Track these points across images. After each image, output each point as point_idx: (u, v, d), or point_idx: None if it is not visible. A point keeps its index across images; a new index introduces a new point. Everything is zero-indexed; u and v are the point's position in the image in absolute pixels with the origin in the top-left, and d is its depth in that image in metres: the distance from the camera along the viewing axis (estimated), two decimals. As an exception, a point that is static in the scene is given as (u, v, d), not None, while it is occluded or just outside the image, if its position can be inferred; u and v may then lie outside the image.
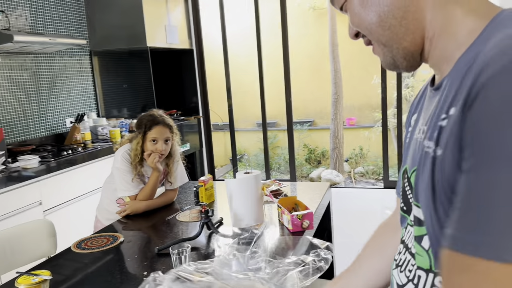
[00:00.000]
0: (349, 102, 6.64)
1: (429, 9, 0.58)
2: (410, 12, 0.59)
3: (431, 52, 0.62)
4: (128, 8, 4.01)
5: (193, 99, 5.02)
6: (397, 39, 0.62)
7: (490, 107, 0.44)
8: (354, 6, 0.64)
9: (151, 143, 2.06)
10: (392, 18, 0.60)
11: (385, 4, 0.60)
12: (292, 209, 1.82)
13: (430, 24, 0.59)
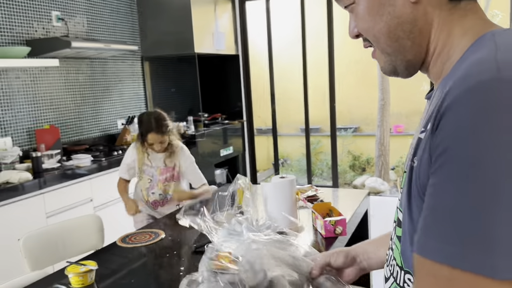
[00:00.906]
0: (396, 109, 6.48)
1: (434, 27, 0.61)
2: (417, 27, 0.61)
3: (430, 67, 0.65)
4: (178, 16, 4.18)
5: (237, 103, 5.13)
6: (403, 51, 0.64)
7: (449, 129, 0.49)
8: (362, 11, 0.64)
9: (149, 146, 2.48)
10: (400, 31, 0.62)
11: (395, 16, 0.61)
12: (326, 215, 1.83)
13: (433, 42, 0.62)
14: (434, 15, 0.60)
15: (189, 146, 4.10)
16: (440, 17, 0.60)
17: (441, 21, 0.60)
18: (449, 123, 0.49)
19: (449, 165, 0.48)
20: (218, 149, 4.58)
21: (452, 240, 0.46)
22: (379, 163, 6.04)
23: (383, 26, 0.63)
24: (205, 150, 4.33)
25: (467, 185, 0.46)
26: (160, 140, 2.45)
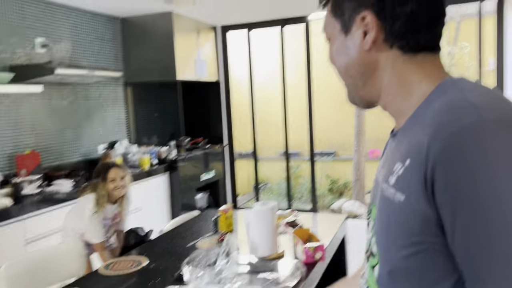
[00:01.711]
0: (373, 134, 6.69)
1: (387, 74, 0.70)
2: (370, 70, 0.71)
3: (387, 106, 0.73)
4: (161, 44, 4.28)
5: (218, 128, 5.21)
6: (356, 88, 0.74)
7: (454, 180, 0.54)
8: (332, 47, 0.76)
9: (111, 183, 2.50)
10: (354, 71, 0.72)
11: (352, 58, 0.72)
12: (306, 241, 1.90)
13: (387, 85, 0.70)
14: (387, 64, 0.69)
15: (171, 171, 4.17)
16: (394, 66, 0.69)
17: (395, 70, 0.69)
18: (451, 169, 0.54)
19: (474, 214, 0.52)
20: (199, 173, 4.62)
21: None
22: (356, 187, 6.18)
23: (342, 63, 0.74)
24: (187, 174, 4.37)
25: (499, 223, 0.51)
26: (122, 175, 2.53)
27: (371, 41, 0.68)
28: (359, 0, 0.69)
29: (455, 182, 0.53)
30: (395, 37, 0.67)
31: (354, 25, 0.70)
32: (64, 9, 3.69)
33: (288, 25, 4.93)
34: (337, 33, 0.73)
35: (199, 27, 4.74)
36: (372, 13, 0.68)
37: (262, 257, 1.82)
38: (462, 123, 0.55)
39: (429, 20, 0.67)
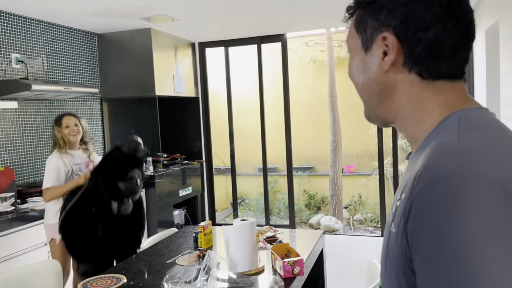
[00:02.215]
0: (348, 150, 6.83)
1: (404, 97, 0.68)
2: (387, 91, 0.69)
3: (402, 129, 0.72)
4: (139, 60, 4.29)
5: (196, 143, 5.22)
6: (372, 106, 0.73)
7: (420, 223, 0.55)
8: (352, 62, 0.74)
9: (66, 129, 2.82)
10: (371, 89, 0.71)
11: (369, 77, 0.70)
12: (285, 256, 1.93)
13: (403, 108, 0.68)
14: (404, 87, 0.67)
15: (148, 187, 4.14)
16: (411, 91, 0.67)
17: (412, 94, 0.67)
18: (420, 216, 0.55)
19: (429, 261, 0.53)
20: (177, 189, 4.60)
21: None
22: (333, 202, 6.26)
23: (360, 80, 0.72)
24: (164, 191, 4.34)
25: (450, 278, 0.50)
26: (75, 122, 2.83)
27: (389, 63, 0.66)
28: (382, 20, 0.66)
29: (417, 232, 0.54)
30: (414, 62, 0.65)
31: (374, 43, 0.68)
32: (41, 25, 3.67)
33: (266, 43, 5.03)
34: (358, 48, 0.71)
35: (178, 43, 4.78)
36: (393, 34, 0.65)
37: (242, 273, 1.83)
38: (440, 172, 0.54)
39: (453, 46, 0.64)
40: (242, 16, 4.02)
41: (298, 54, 6.85)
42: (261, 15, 4.02)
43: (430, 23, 0.63)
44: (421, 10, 0.63)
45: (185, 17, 3.96)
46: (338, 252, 4.49)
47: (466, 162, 0.53)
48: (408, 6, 0.64)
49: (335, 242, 4.86)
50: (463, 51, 0.66)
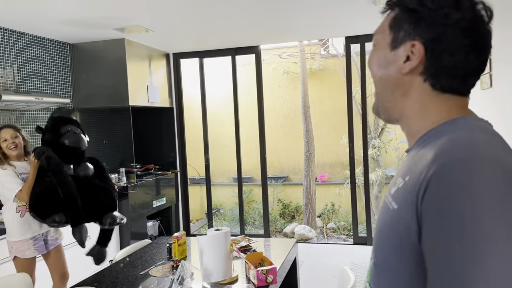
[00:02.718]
0: (321, 159, 6.94)
1: (412, 98, 0.77)
2: (400, 90, 0.77)
3: (405, 127, 0.81)
4: (113, 70, 4.28)
5: (171, 154, 5.21)
6: (383, 99, 0.81)
7: (435, 199, 0.63)
8: (374, 54, 0.81)
9: (4, 143, 2.70)
10: (387, 84, 0.79)
11: (388, 73, 0.78)
12: (258, 264, 1.97)
13: (409, 108, 0.78)
14: (416, 92, 0.76)
15: (121, 198, 4.10)
16: (421, 96, 0.76)
17: (420, 99, 0.76)
18: (436, 193, 0.63)
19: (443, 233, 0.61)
20: (151, 200, 4.57)
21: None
22: (306, 211, 6.34)
23: (379, 74, 0.80)
24: (137, 202, 4.31)
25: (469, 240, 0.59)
26: (14, 135, 2.71)
27: (409, 68, 0.74)
28: (418, 29, 0.73)
29: (433, 207, 0.63)
30: (431, 74, 0.73)
31: (403, 46, 0.75)
32: (12, 34, 3.62)
33: (240, 55, 5.09)
34: (385, 45, 0.78)
35: (152, 54, 4.79)
36: (422, 44, 0.72)
37: (216, 282, 1.86)
38: (455, 156, 0.63)
39: (466, 73, 0.73)
40: (217, 28, 4.08)
41: (272, 65, 6.96)
42: (235, 27, 4.09)
43: (458, 50, 0.71)
44: (454, 36, 0.71)
45: (159, 28, 3.98)
46: (312, 260, 4.56)
47: (477, 151, 0.64)
48: (445, 28, 0.71)
49: (309, 250, 4.92)
50: (475, 78, 0.75)
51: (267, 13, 3.64)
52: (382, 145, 6.15)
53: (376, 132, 6.26)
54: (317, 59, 6.86)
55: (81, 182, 2.66)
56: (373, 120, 6.37)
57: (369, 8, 3.64)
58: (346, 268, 1.95)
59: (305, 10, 3.63)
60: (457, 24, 0.71)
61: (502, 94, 2.43)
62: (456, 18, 0.71)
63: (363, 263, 4.28)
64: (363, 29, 4.50)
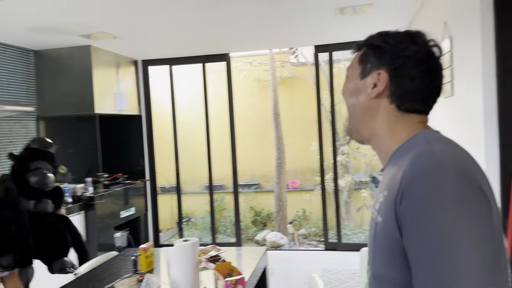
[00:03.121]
0: (292, 166, 6.99)
1: (380, 120, 0.90)
2: (369, 113, 0.91)
3: (375, 147, 0.94)
4: (78, 77, 4.17)
5: (140, 162, 5.11)
6: (355, 122, 0.95)
7: (410, 204, 0.74)
8: (347, 84, 0.96)
9: None
10: (357, 107, 0.94)
11: (358, 99, 0.93)
12: (227, 275, 1.95)
13: (378, 129, 0.91)
14: (383, 114, 0.90)
15: (87, 209, 3.98)
16: (388, 117, 0.90)
17: (387, 120, 0.90)
18: (410, 199, 0.74)
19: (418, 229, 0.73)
20: (119, 211, 4.47)
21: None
22: (278, 217, 6.35)
23: (351, 100, 0.95)
24: (105, 212, 4.20)
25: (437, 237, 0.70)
26: None
27: (376, 93, 0.89)
28: (383, 61, 0.89)
29: (409, 211, 0.74)
30: (395, 98, 0.88)
31: (370, 75, 0.90)
32: (-30, 40, 3.47)
33: (210, 62, 5.08)
34: (356, 75, 0.93)
35: (120, 61, 4.71)
36: (387, 73, 0.88)
37: (184, 295, 1.82)
38: (421, 166, 0.75)
39: (427, 96, 0.88)
40: (186, 35, 4.05)
41: (243, 73, 6.97)
42: (205, 34, 4.08)
43: (415, 76, 0.86)
44: (412, 65, 0.87)
45: (127, 35, 3.92)
46: (283, 267, 4.56)
47: (437, 160, 0.75)
48: (404, 59, 0.87)
49: (280, 257, 4.92)
50: (433, 99, 0.90)
51: (237, 20, 3.65)
52: (351, 152, 6.25)
53: (345, 138, 6.36)
54: (287, 67, 6.93)
55: (38, 221, 2.52)
56: (342, 127, 6.48)
57: (336, 19, 3.71)
58: (314, 276, 1.96)
59: (275, 20, 3.66)
60: (414, 55, 0.86)
61: (462, 101, 2.52)
62: (412, 50, 0.86)
63: (334, 269, 4.31)
64: (331, 38, 4.57)
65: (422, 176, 0.73)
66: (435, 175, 0.73)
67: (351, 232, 6.04)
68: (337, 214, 4.96)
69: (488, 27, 2.14)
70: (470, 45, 2.31)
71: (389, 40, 0.89)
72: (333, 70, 4.97)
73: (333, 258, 4.70)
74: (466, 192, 0.72)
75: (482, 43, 2.16)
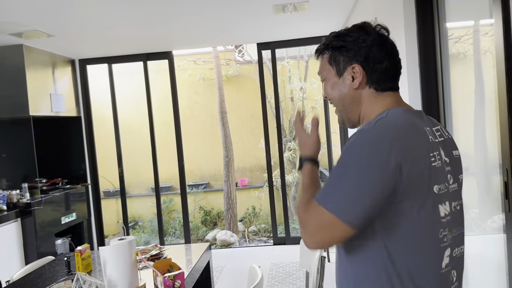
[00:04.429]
0: (241, 164, 7.01)
1: (365, 103, 1.08)
2: (355, 101, 1.09)
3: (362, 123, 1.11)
4: (10, 78, 3.96)
5: (81, 166, 4.92)
6: (346, 112, 1.11)
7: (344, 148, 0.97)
8: (327, 85, 1.12)
9: None
10: (345, 101, 1.10)
11: (343, 93, 1.09)
12: (167, 271, 1.92)
13: (363, 111, 1.09)
14: (365, 98, 1.07)
15: (24, 216, 3.78)
16: (369, 99, 1.07)
17: (369, 102, 1.07)
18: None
19: (337, 163, 0.98)
20: (59, 217, 4.27)
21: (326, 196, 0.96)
22: (228, 216, 6.35)
23: (337, 96, 1.11)
24: (44, 219, 4.00)
25: (335, 172, 0.96)
26: None
27: (358, 83, 1.06)
28: (351, 56, 1.05)
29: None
30: (372, 82, 1.06)
31: (346, 71, 1.07)
32: None
33: (152, 60, 4.99)
34: (332, 76, 1.09)
35: (55, 60, 4.51)
36: (359, 65, 1.04)
37: (121, 294, 1.78)
38: (360, 129, 0.98)
39: (395, 72, 1.07)
40: (125, 32, 3.95)
41: (187, 72, 6.90)
42: (146, 31, 3.99)
43: (382, 59, 1.04)
44: (377, 51, 1.04)
45: (61, 33, 3.76)
46: (233, 264, 4.57)
47: (370, 128, 0.96)
48: (368, 49, 1.04)
49: (230, 255, 4.92)
50: (397, 76, 1.09)
51: (177, 17, 3.61)
52: (297, 147, 6.37)
53: (292, 135, 6.48)
54: (233, 65, 6.94)
55: None
56: (288, 124, 6.59)
57: (277, 17, 3.77)
58: (254, 266, 1.98)
59: (216, 17, 3.66)
60: (374, 43, 1.04)
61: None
62: (370, 39, 1.04)
63: (282, 262, 4.38)
64: (273, 36, 4.65)
65: (355, 134, 0.95)
66: (361, 136, 0.94)
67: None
68: (284, 209, 5.04)
69: (411, 22, 2.28)
70: (396, 39, 2.45)
71: (347, 38, 1.06)
72: (276, 68, 5.04)
73: (281, 252, 4.77)
74: (369, 155, 0.92)
75: (406, 37, 2.29)
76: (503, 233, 1.65)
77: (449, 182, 1.00)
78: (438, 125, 1.08)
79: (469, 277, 2.22)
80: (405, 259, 0.93)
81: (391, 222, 0.92)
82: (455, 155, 1.06)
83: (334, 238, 0.93)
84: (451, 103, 2.19)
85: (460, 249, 1.02)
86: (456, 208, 1.02)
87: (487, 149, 2.00)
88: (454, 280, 0.99)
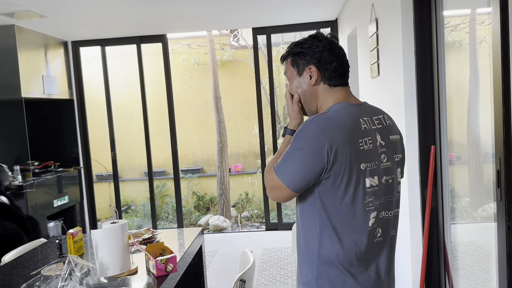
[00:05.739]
0: (234, 150, 7.01)
1: (320, 97, 1.31)
2: (313, 95, 1.32)
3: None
4: (1, 58, 3.90)
5: (73, 149, 4.89)
6: (307, 104, 1.35)
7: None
8: (292, 83, 1.35)
9: None
10: (305, 96, 1.33)
11: (304, 89, 1.33)
12: (159, 255, 1.93)
13: (319, 103, 1.32)
14: (321, 92, 1.31)
15: (16, 198, 3.76)
16: (323, 94, 1.31)
17: (323, 95, 1.31)
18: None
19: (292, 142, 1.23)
20: (51, 200, 4.26)
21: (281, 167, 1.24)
22: (221, 201, 6.37)
23: (300, 92, 1.34)
24: (36, 202, 3.99)
25: (288, 149, 1.23)
26: None
27: (315, 80, 1.29)
28: (308, 59, 1.29)
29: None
30: (325, 79, 1.30)
31: (305, 71, 1.31)
32: None
33: (145, 43, 4.93)
34: (295, 75, 1.33)
35: (48, 41, 4.44)
36: (315, 66, 1.29)
37: (114, 276, 1.79)
38: (309, 119, 1.23)
39: (341, 72, 1.30)
40: (118, 14, 3.89)
41: (181, 56, 6.83)
42: (139, 13, 3.93)
43: (331, 60, 1.28)
44: (327, 55, 1.28)
45: (54, 13, 3.69)
46: (225, 249, 4.60)
47: (315, 118, 1.21)
48: (320, 53, 1.28)
49: (222, 240, 4.95)
50: (346, 74, 1.32)
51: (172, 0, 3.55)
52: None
53: (286, 121, 6.47)
54: (227, 50, 6.88)
55: None
56: (282, 110, 6.57)
57: (273, 1, 3.73)
58: (246, 251, 1.99)
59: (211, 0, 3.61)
60: (324, 48, 1.28)
61: (387, 81, 2.64)
62: (322, 45, 1.29)
63: (274, 247, 4.42)
64: (269, 21, 4.60)
65: (305, 122, 1.21)
66: (306, 125, 1.20)
67: (292, 212, 6.20)
68: (277, 195, 5.05)
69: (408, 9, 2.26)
70: (393, 27, 2.43)
71: (304, 45, 1.31)
72: (272, 53, 5.01)
73: (273, 237, 4.81)
74: (308, 140, 1.18)
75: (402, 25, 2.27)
76: (494, 221, 1.67)
77: (383, 161, 1.25)
78: (381, 114, 1.31)
79: (459, 264, 2.25)
80: (337, 216, 1.21)
81: (326, 191, 1.20)
82: (392, 139, 1.30)
83: (282, 196, 1.25)
84: (446, 91, 2.19)
85: (387, 213, 1.28)
86: (388, 181, 1.27)
87: (480, 138, 2.01)
88: (379, 235, 1.26)
